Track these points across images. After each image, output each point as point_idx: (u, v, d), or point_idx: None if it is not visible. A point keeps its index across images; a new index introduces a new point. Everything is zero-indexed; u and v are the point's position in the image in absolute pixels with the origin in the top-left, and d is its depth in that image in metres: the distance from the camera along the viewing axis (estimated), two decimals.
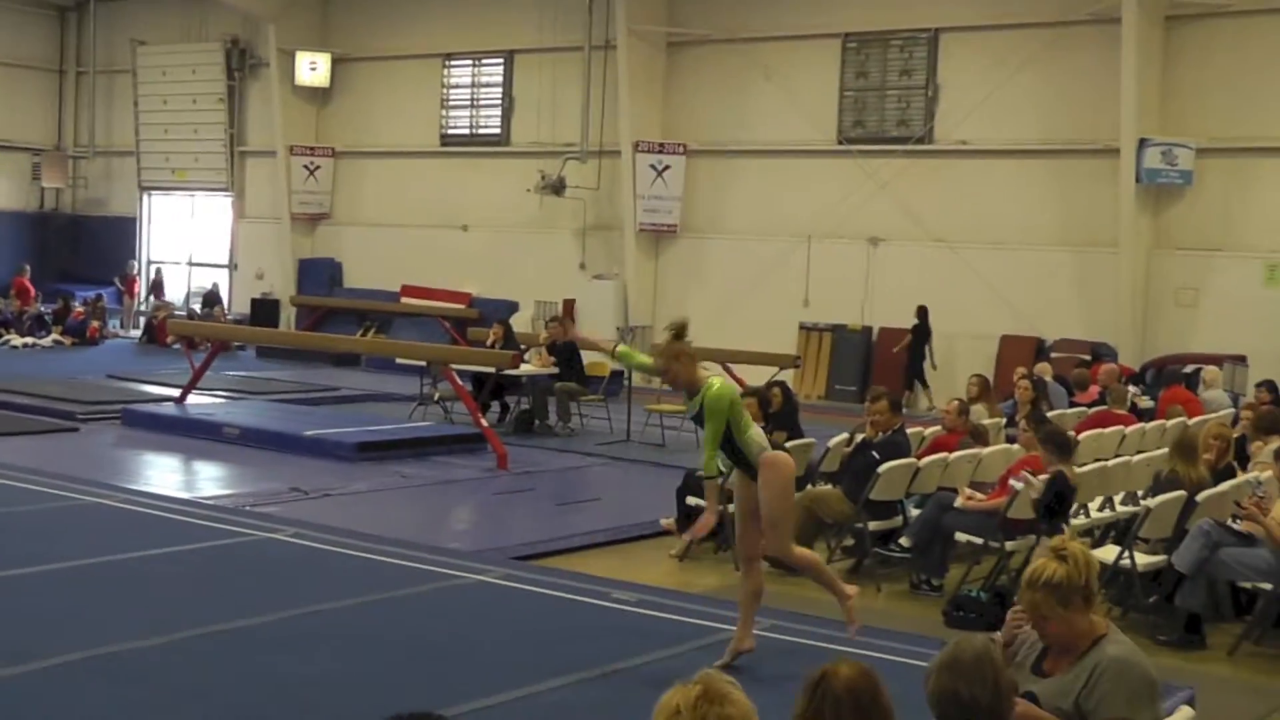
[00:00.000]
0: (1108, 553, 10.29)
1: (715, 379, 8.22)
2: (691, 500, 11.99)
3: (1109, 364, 18.29)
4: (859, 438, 11.98)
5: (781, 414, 13.22)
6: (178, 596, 9.67)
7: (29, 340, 28.52)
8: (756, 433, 8.30)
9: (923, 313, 23.66)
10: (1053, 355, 21.96)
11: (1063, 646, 5.27)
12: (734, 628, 9.23)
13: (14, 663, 7.93)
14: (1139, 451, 13.36)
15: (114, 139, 36.38)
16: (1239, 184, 21.90)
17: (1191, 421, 14.76)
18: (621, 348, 9.14)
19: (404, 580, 10.34)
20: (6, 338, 28.51)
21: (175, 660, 8.21)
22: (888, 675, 4.07)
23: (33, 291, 31.05)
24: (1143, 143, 21.75)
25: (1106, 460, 12.41)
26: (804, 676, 3.88)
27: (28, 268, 32.08)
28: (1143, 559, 10.08)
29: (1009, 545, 10.57)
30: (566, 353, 19.06)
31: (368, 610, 9.52)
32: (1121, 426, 14.56)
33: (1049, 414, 13.79)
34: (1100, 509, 11.65)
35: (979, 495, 11.10)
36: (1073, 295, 23.10)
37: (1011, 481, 10.66)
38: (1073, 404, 16.86)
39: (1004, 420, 14.66)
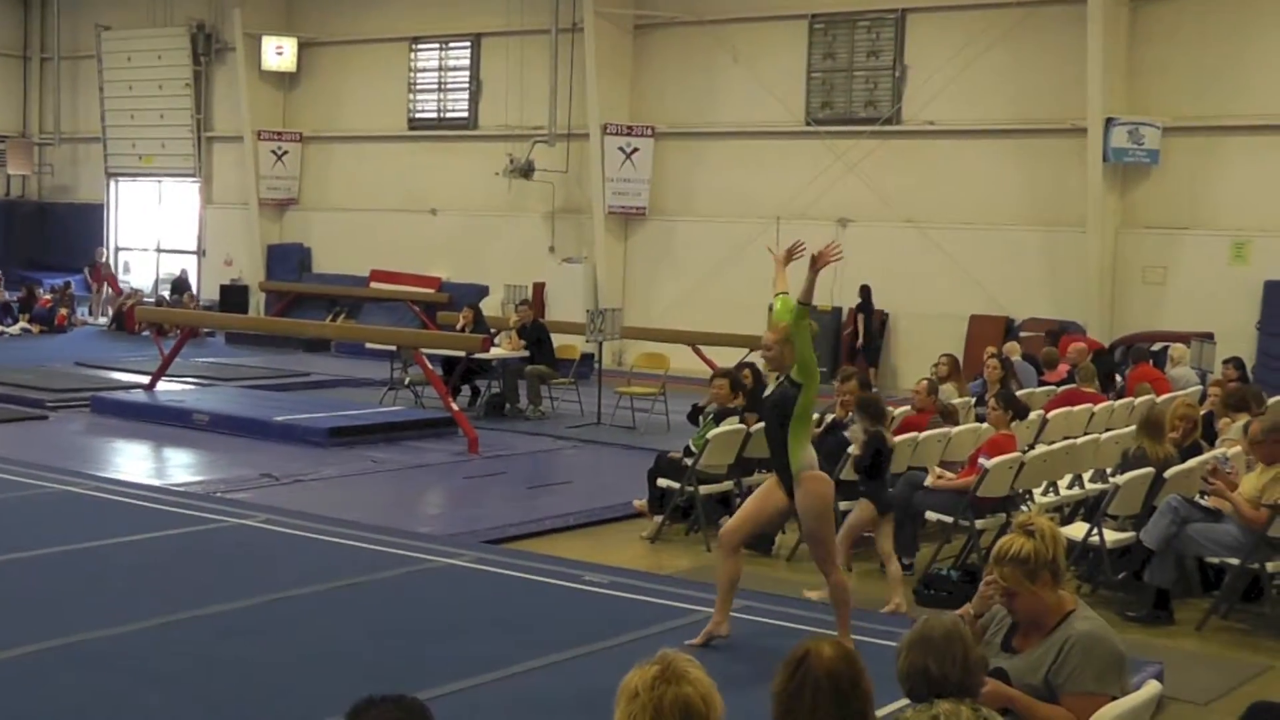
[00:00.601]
0: (1077, 530, 10.37)
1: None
2: (663, 482, 12.02)
3: (1077, 341, 18.35)
4: (829, 418, 12.01)
5: (751, 395, 13.21)
6: (148, 584, 9.65)
7: None
8: (811, 449, 8.46)
9: (865, 291, 23.91)
10: (1021, 334, 22.03)
11: (1031, 622, 5.31)
12: (707, 609, 9.27)
13: None
14: (1107, 429, 13.42)
15: (80, 125, 36.15)
16: (1205, 162, 21.98)
17: (1159, 399, 14.84)
18: (785, 296, 9.18)
19: (376, 565, 10.35)
20: None
21: (146, 648, 8.20)
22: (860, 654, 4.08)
23: None
24: (1109, 122, 21.82)
25: (1075, 438, 12.48)
26: (787, 652, 3.87)
27: None
28: (1111, 535, 10.14)
29: (979, 523, 10.63)
30: (536, 335, 19.08)
31: (339, 595, 9.52)
32: (1090, 405, 14.62)
33: (1018, 393, 13.83)
34: (1069, 486, 11.75)
35: (948, 474, 11.15)
36: (1041, 274, 23.17)
37: (981, 460, 10.71)
38: (1042, 382, 16.94)
39: (973, 399, 14.71)
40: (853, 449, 10.52)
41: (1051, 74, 22.85)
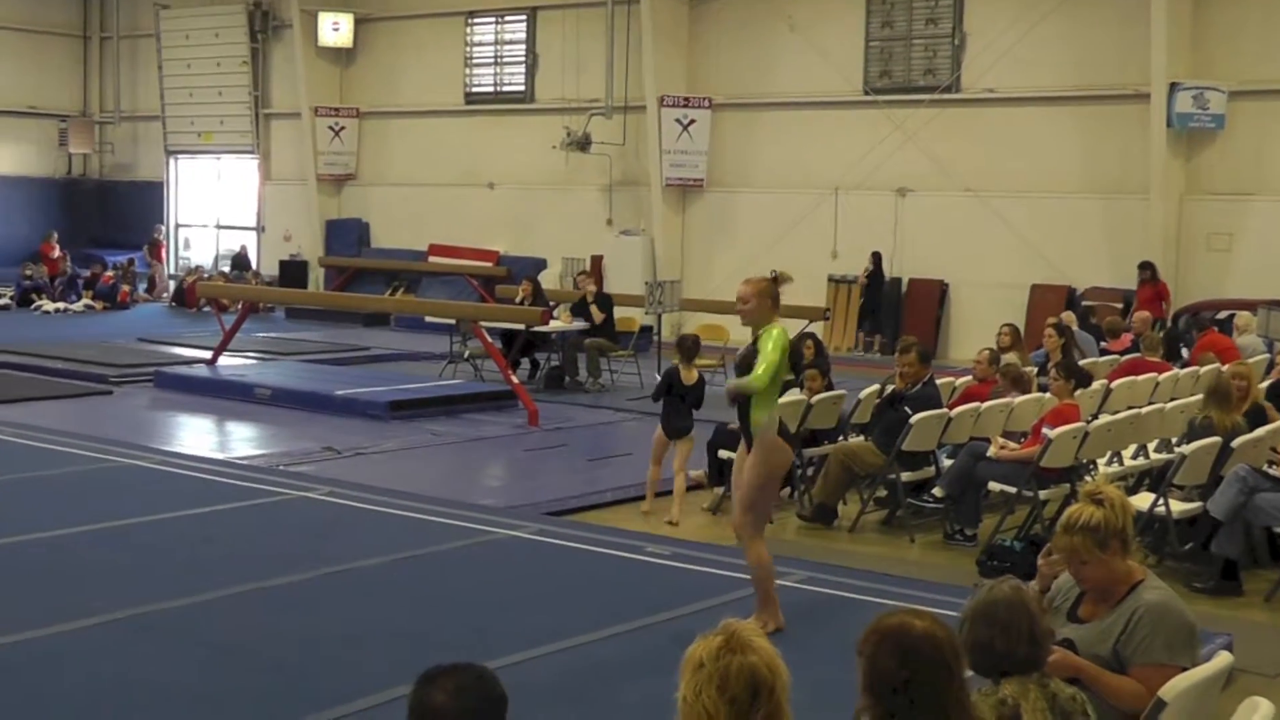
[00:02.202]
0: (1143, 500, 10.25)
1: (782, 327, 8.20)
2: (724, 453, 11.98)
3: (1143, 311, 18.15)
4: (890, 389, 11.93)
5: (814, 366, 13.16)
6: (213, 556, 9.71)
7: (60, 305, 28.63)
8: (773, 413, 8.13)
9: (877, 258, 24.22)
10: (1084, 303, 21.84)
11: (1100, 591, 5.24)
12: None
13: (54, 622, 8.01)
14: (1172, 398, 13.27)
15: (139, 104, 36.42)
16: (1273, 127, 21.66)
17: (1226, 368, 14.66)
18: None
19: (438, 536, 10.38)
20: (38, 303, 28.62)
21: (213, 618, 8.27)
22: None
23: (61, 257, 31.14)
24: (1173, 87, 21.54)
25: (1139, 408, 12.34)
26: (882, 632, 3.70)
27: (55, 234, 32.20)
28: (1178, 506, 10.03)
29: (1043, 494, 10.54)
30: (609, 306, 19.12)
31: (402, 566, 9.56)
32: (1155, 374, 14.46)
33: (1081, 363, 13.69)
34: (1134, 457, 11.63)
35: (1011, 445, 11.06)
36: (1103, 242, 22.94)
37: (1044, 431, 10.62)
38: (1104, 351, 16.76)
39: (1035, 370, 14.57)
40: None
41: (1113, 38, 22.59)
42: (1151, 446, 11.79)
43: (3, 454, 13.25)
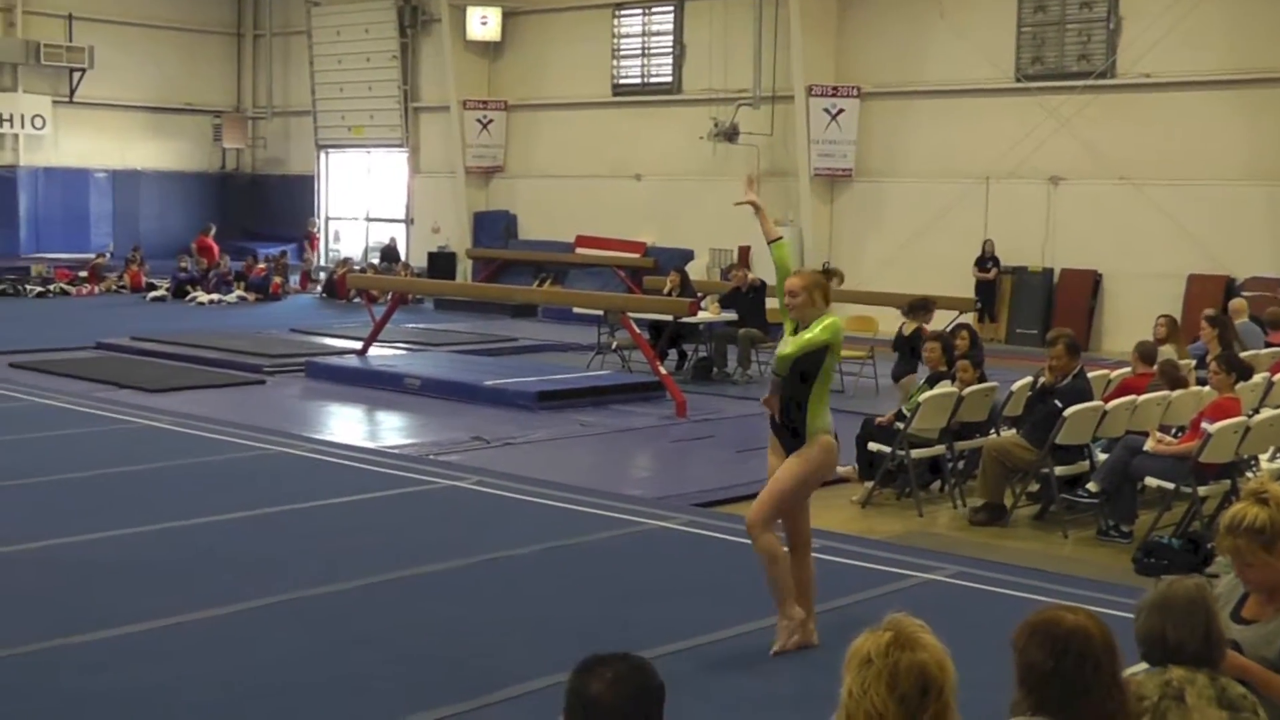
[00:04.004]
0: None
1: (835, 318, 7.76)
2: (873, 446, 11.87)
3: None
4: (1041, 382, 11.71)
5: (967, 358, 12.97)
6: (363, 544, 9.82)
7: (214, 297, 29.21)
8: (829, 413, 7.74)
9: (988, 247, 24.42)
10: (1244, 294, 21.29)
11: (1265, 593, 5.09)
12: (919, 574, 9.15)
13: (210, 605, 8.16)
14: None
15: (291, 99, 37.04)
16: None
17: None
18: (783, 242, 8.74)
19: (586, 527, 10.40)
20: (193, 295, 29.23)
21: (360, 606, 8.36)
22: None
23: (216, 250, 31.80)
24: None
25: None
26: (1037, 627, 3.67)
27: (213, 227, 32.93)
28: None
29: (1202, 490, 10.28)
30: (763, 298, 19.01)
31: (550, 556, 9.59)
32: None
33: (1242, 355, 13.33)
34: None
35: (1169, 439, 10.80)
36: (1265, 231, 22.35)
37: (1204, 425, 10.36)
38: (1268, 344, 16.31)
39: (1194, 362, 14.22)
40: None
41: (1275, 19, 21.97)
42: None
43: (160, 441, 13.56)
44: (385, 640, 7.73)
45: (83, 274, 30.83)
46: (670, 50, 29.53)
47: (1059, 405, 11.04)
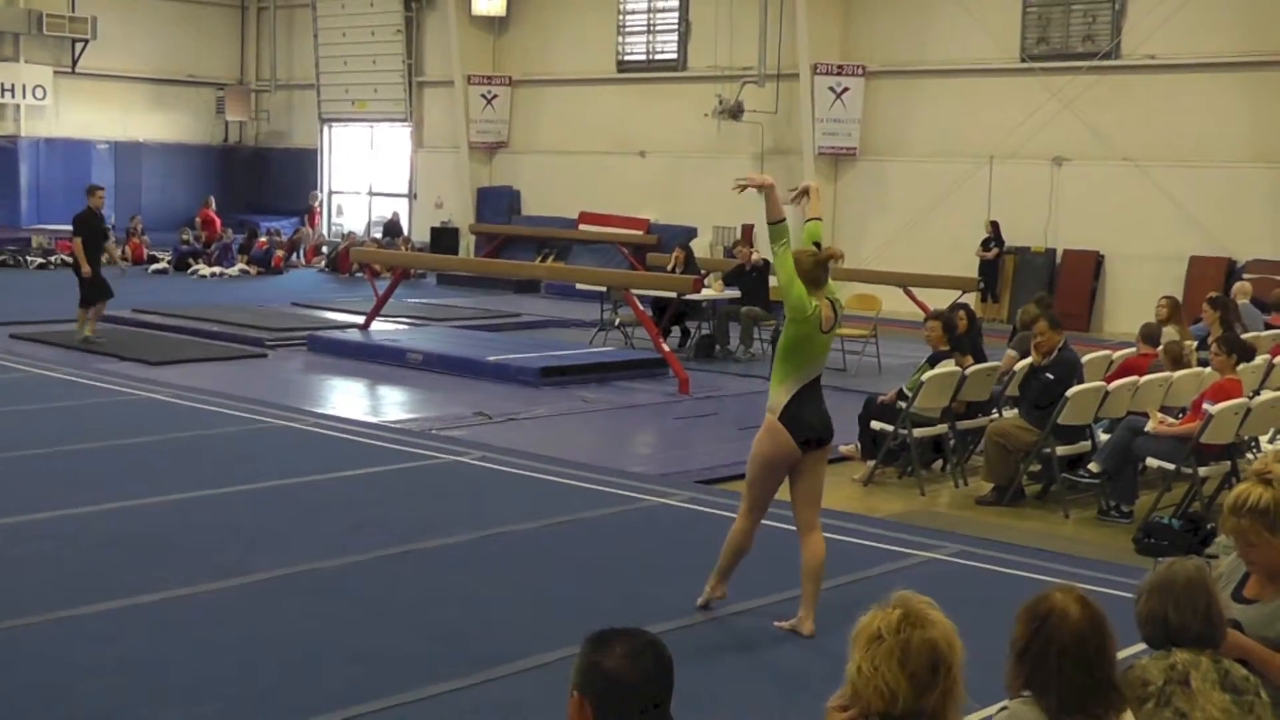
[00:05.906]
0: None
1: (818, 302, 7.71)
2: (876, 425, 11.90)
3: None
4: (1028, 362, 11.72)
5: (966, 338, 13.00)
6: (366, 518, 9.85)
7: (216, 270, 29.21)
8: (785, 391, 7.51)
9: (995, 227, 24.44)
10: (1245, 276, 21.30)
11: (1269, 573, 5.11)
12: (921, 554, 9.19)
13: (219, 577, 8.20)
14: None
15: (295, 72, 36.99)
16: None
17: None
18: (784, 225, 8.68)
19: (589, 503, 10.44)
20: (195, 268, 29.22)
21: (363, 579, 8.40)
22: None
23: (218, 223, 31.78)
24: None
25: None
26: (1027, 605, 3.75)
27: (213, 199, 32.87)
28: None
29: (1202, 471, 10.31)
30: (766, 276, 19.00)
31: (553, 532, 9.62)
32: None
33: (1244, 336, 13.35)
34: None
35: (1170, 420, 10.83)
36: (1267, 214, 22.35)
37: (1205, 406, 10.38)
38: (1268, 325, 16.34)
39: (1195, 343, 14.24)
40: None
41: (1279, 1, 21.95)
42: None
43: (161, 414, 13.60)
44: (395, 612, 7.77)
45: None
46: (675, 27, 29.48)
47: (1050, 378, 11.07)
